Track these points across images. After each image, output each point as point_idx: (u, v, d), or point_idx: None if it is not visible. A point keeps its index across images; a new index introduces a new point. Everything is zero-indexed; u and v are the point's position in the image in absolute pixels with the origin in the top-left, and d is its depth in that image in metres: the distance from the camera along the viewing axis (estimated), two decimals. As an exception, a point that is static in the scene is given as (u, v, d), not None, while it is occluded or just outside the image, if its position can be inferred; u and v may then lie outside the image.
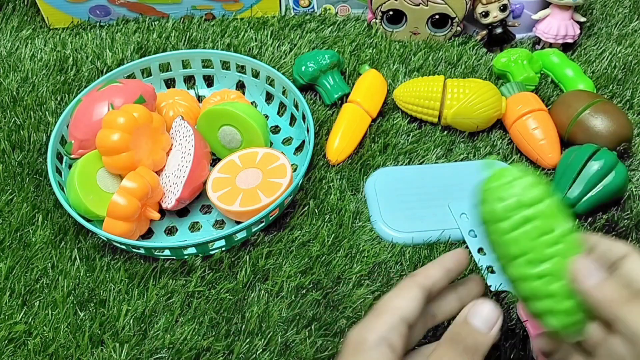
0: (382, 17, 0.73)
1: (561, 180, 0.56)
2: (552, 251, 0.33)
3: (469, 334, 0.34)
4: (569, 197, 0.55)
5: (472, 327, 0.34)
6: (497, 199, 0.34)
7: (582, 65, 0.70)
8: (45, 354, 0.48)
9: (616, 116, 0.59)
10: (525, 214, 0.33)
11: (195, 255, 0.53)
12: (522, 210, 0.33)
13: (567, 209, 0.36)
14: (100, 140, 0.53)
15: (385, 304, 0.37)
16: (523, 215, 0.33)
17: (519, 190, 0.33)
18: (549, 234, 0.33)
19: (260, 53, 0.72)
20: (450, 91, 0.62)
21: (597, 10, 0.79)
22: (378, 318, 0.36)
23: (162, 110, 0.62)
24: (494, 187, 0.34)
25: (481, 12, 0.70)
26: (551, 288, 0.33)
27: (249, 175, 0.57)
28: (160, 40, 0.73)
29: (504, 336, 0.48)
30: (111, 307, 0.50)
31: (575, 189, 0.55)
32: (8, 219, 0.56)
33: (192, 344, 0.48)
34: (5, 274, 0.52)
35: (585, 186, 0.55)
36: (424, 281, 0.37)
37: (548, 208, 0.33)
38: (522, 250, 0.33)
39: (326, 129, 0.64)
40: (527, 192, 0.33)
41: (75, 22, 0.76)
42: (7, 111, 0.66)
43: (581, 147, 0.57)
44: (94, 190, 0.54)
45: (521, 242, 0.33)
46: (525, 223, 0.33)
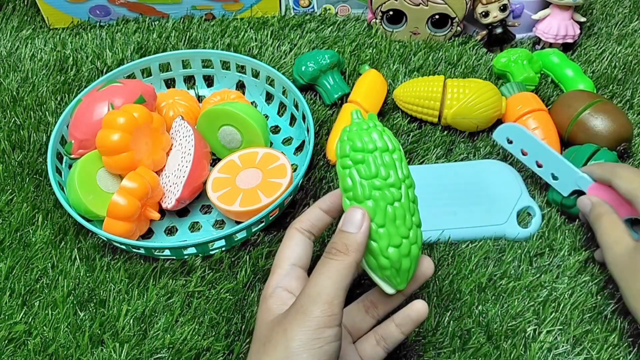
0: (382, 17, 0.73)
1: None
2: (371, 194, 0.39)
3: (339, 238, 0.38)
4: (568, 200, 0.55)
5: (343, 232, 0.38)
6: (343, 141, 0.40)
7: (582, 65, 0.70)
8: (45, 354, 0.48)
9: (616, 116, 0.59)
10: (356, 157, 0.39)
11: (195, 255, 0.53)
12: (357, 153, 0.39)
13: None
14: (100, 140, 0.53)
15: (277, 258, 0.42)
16: (353, 157, 0.39)
17: (360, 137, 0.39)
18: (372, 178, 0.39)
19: (260, 53, 0.72)
20: (450, 91, 0.62)
21: (597, 10, 0.79)
22: (273, 272, 0.41)
23: (162, 110, 0.62)
24: (347, 130, 0.40)
25: (481, 12, 0.70)
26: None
27: (249, 175, 0.57)
28: (160, 40, 0.73)
29: (504, 336, 0.49)
30: (111, 307, 0.50)
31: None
32: (8, 219, 0.56)
33: (192, 344, 0.48)
34: (5, 274, 0.52)
35: None
36: (301, 225, 0.43)
37: (379, 157, 0.39)
38: (344, 187, 0.40)
39: (326, 129, 0.64)
40: (365, 140, 0.39)
41: (75, 22, 0.76)
42: (7, 111, 0.66)
43: (581, 147, 0.57)
44: (94, 190, 0.54)
45: (344, 180, 0.39)
46: (356, 164, 0.39)
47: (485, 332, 0.49)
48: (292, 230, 0.43)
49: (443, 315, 0.50)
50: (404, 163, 0.40)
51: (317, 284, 0.37)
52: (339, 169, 0.40)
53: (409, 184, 0.40)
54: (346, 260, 0.37)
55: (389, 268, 0.39)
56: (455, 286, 0.52)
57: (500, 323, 0.49)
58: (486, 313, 0.50)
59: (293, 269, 0.41)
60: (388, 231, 0.39)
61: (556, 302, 0.51)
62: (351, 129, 0.40)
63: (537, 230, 0.55)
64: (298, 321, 0.36)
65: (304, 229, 0.43)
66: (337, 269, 0.37)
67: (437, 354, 0.48)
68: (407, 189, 0.40)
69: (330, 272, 0.37)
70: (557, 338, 0.49)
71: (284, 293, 0.40)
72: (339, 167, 0.40)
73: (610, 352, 0.48)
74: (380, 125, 0.41)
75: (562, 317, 0.50)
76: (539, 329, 0.49)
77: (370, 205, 0.39)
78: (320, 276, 0.37)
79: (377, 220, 0.39)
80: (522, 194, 0.57)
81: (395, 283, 0.40)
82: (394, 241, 0.39)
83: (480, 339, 0.49)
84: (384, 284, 0.41)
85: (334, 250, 0.38)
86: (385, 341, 0.43)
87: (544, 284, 0.52)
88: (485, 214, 0.56)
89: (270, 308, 0.39)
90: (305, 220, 0.43)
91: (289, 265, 0.41)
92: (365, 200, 0.39)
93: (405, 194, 0.40)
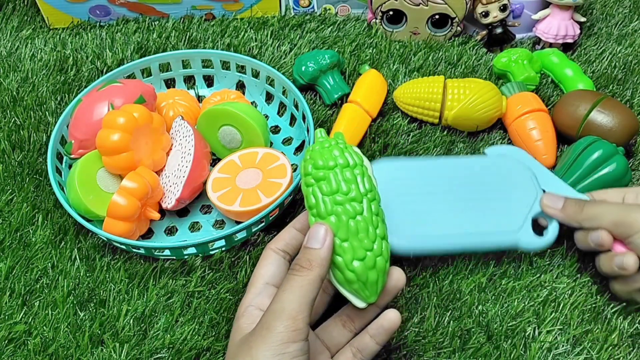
0: (382, 17, 0.73)
1: (557, 172, 0.57)
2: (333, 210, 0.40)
3: (303, 254, 0.39)
4: None
5: (307, 249, 0.39)
6: (306, 160, 0.41)
7: (582, 65, 0.70)
8: (45, 354, 0.48)
9: (623, 111, 0.59)
10: (318, 174, 0.40)
11: (195, 255, 0.53)
12: (318, 171, 0.40)
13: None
14: (100, 140, 0.53)
15: (253, 277, 0.43)
16: (315, 175, 0.40)
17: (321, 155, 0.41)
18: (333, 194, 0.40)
19: (260, 53, 0.72)
20: (450, 92, 0.62)
21: (597, 10, 0.79)
22: (248, 291, 0.43)
23: (162, 110, 0.62)
24: (310, 150, 0.42)
25: (481, 12, 0.70)
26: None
27: (249, 175, 0.57)
28: (160, 40, 0.73)
29: (504, 336, 0.49)
30: (111, 307, 0.50)
31: (567, 177, 0.56)
32: (8, 219, 0.56)
33: (192, 344, 0.48)
34: (5, 274, 0.52)
35: (579, 174, 0.55)
36: (276, 245, 0.44)
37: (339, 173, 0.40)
38: (309, 205, 0.41)
39: (326, 129, 0.64)
40: (325, 157, 0.40)
41: (75, 22, 0.76)
42: (7, 111, 0.66)
43: (579, 140, 0.57)
44: (94, 190, 0.54)
45: (308, 198, 0.41)
46: (318, 181, 0.40)
47: (485, 332, 0.49)
48: (267, 251, 0.44)
49: (443, 315, 0.50)
50: (367, 177, 0.41)
51: (281, 300, 0.37)
52: (303, 188, 0.42)
53: (371, 198, 0.41)
54: (309, 276, 0.38)
55: (355, 281, 0.40)
56: (455, 286, 0.52)
57: (500, 323, 0.49)
58: (486, 313, 0.50)
59: (266, 288, 0.42)
60: (352, 245, 0.39)
61: (556, 302, 0.51)
62: (314, 148, 0.42)
63: (553, 241, 0.51)
64: (262, 338, 0.36)
65: (279, 248, 0.44)
66: (300, 284, 0.38)
67: (437, 354, 0.48)
68: (369, 202, 0.40)
69: (294, 287, 0.37)
70: (557, 338, 0.49)
71: (256, 311, 0.41)
72: (303, 185, 0.41)
73: (610, 352, 0.48)
74: (342, 143, 0.42)
75: (562, 317, 0.50)
76: (539, 329, 0.49)
77: (333, 220, 0.40)
78: (284, 292, 0.38)
79: (340, 235, 0.40)
80: (537, 197, 0.52)
81: (364, 296, 0.41)
82: (358, 254, 0.39)
83: (480, 339, 0.49)
84: (354, 297, 0.41)
85: (298, 266, 0.39)
86: (362, 353, 0.43)
87: (544, 284, 0.52)
88: (498, 218, 0.51)
89: (241, 327, 0.40)
90: (280, 240, 0.44)
91: (262, 284, 0.42)
92: (328, 216, 0.40)
93: (368, 208, 0.40)
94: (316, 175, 0.40)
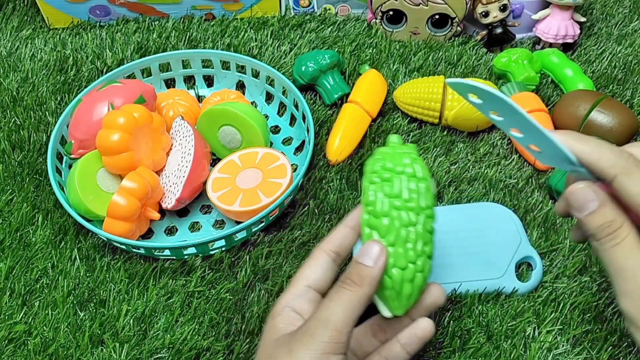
0: (382, 17, 0.73)
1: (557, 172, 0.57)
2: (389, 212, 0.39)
3: (355, 269, 0.38)
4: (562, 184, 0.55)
5: (359, 264, 0.38)
6: (376, 159, 0.41)
7: (582, 65, 0.70)
8: (45, 354, 0.48)
9: (623, 110, 0.59)
10: (384, 175, 0.40)
11: (195, 255, 0.53)
12: (386, 172, 0.40)
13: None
14: (100, 140, 0.53)
15: (296, 276, 0.42)
16: (381, 175, 0.40)
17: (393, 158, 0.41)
18: (394, 198, 0.39)
19: (260, 53, 0.72)
20: (450, 92, 0.62)
21: (597, 10, 0.79)
22: (287, 290, 0.41)
23: (162, 110, 0.62)
24: (382, 150, 0.42)
25: (481, 12, 0.70)
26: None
27: (249, 175, 0.57)
28: (160, 40, 0.73)
29: (504, 336, 0.49)
30: (111, 307, 0.50)
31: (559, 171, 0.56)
32: (8, 219, 0.56)
33: (192, 344, 0.48)
34: (5, 274, 0.52)
35: None
36: (327, 246, 0.42)
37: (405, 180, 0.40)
38: (366, 201, 0.40)
39: (326, 129, 0.64)
40: (396, 162, 0.40)
41: (75, 22, 0.76)
42: (7, 111, 0.66)
43: None
44: (94, 190, 0.54)
45: (367, 194, 0.40)
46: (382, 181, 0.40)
47: (485, 332, 0.49)
48: (317, 251, 0.42)
49: (443, 315, 0.50)
50: (430, 194, 0.40)
51: (329, 310, 0.37)
52: (364, 183, 0.41)
53: (429, 214, 0.40)
54: (359, 293, 0.37)
55: (389, 288, 0.39)
56: (455, 286, 0.52)
57: (500, 323, 0.49)
58: (486, 313, 0.50)
59: (307, 291, 0.41)
60: (396, 251, 0.39)
61: (556, 302, 0.51)
62: (386, 149, 0.42)
63: (537, 285, 0.51)
64: (305, 343, 0.36)
65: (331, 249, 0.42)
66: (349, 299, 0.37)
67: (437, 354, 0.48)
68: (426, 218, 0.40)
69: (343, 300, 0.37)
70: (557, 338, 0.49)
71: (292, 314, 0.40)
72: (366, 181, 0.41)
73: (610, 352, 0.48)
74: (415, 154, 0.41)
75: (562, 317, 0.50)
76: (538, 329, 0.49)
77: (385, 222, 0.39)
78: (332, 303, 0.37)
79: (389, 238, 0.39)
80: (522, 242, 0.53)
81: (393, 306, 0.40)
82: (400, 263, 0.39)
83: (480, 339, 0.49)
84: (382, 305, 0.40)
85: (349, 280, 0.38)
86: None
87: (544, 284, 0.52)
88: (481, 266, 0.51)
89: (277, 326, 0.39)
90: (331, 240, 0.42)
91: (304, 286, 0.41)
92: (382, 217, 0.39)
93: (423, 223, 0.40)
94: (382, 175, 0.40)
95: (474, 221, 0.55)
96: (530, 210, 0.57)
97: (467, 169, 0.61)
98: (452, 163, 0.62)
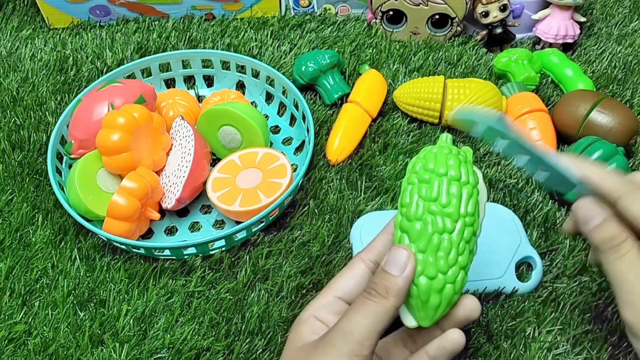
0: (382, 17, 0.73)
1: None
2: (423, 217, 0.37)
3: (380, 278, 0.37)
4: None
5: (384, 272, 0.37)
6: (418, 158, 0.39)
7: (582, 65, 0.70)
8: (45, 354, 0.48)
9: (623, 110, 0.59)
10: (424, 176, 0.38)
11: (195, 255, 0.53)
12: (425, 172, 0.38)
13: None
14: (100, 140, 0.53)
15: (328, 284, 0.41)
16: (420, 176, 0.38)
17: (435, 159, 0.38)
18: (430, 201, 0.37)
19: (260, 53, 0.72)
20: (450, 92, 0.62)
21: (597, 10, 0.79)
22: (316, 299, 0.40)
23: (162, 110, 0.62)
24: (427, 150, 0.39)
25: (481, 12, 0.70)
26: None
27: (249, 175, 0.57)
28: (160, 40, 0.73)
29: (504, 336, 0.49)
30: (111, 307, 0.50)
31: None
32: (8, 219, 0.56)
33: (192, 344, 0.48)
34: (5, 274, 0.52)
35: None
36: (367, 255, 0.41)
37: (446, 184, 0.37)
38: (402, 202, 0.38)
39: (326, 129, 0.64)
40: (438, 163, 0.38)
41: (75, 22, 0.76)
42: (7, 111, 0.66)
43: (579, 140, 0.57)
44: (94, 190, 0.54)
45: (404, 195, 0.38)
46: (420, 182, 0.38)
47: (485, 332, 0.49)
48: (355, 260, 0.41)
49: (443, 315, 0.50)
50: (473, 201, 0.38)
51: (351, 321, 0.36)
52: (403, 184, 0.39)
53: (469, 222, 0.37)
54: (385, 304, 0.36)
55: (415, 297, 0.37)
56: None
57: (500, 323, 0.49)
58: (486, 313, 0.50)
59: (335, 302, 0.40)
60: (426, 259, 0.37)
61: (556, 302, 0.51)
62: (432, 149, 0.39)
63: (537, 285, 0.51)
64: (326, 354, 0.35)
65: (370, 259, 0.40)
66: (375, 311, 0.36)
67: (437, 354, 0.48)
68: (464, 226, 0.37)
69: (368, 312, 0.36)
70: (557, 338, 0.49)
71: (317, 322, 0.39)
72: (405, 182, 0.39)
73: (610, 352, 0.48)
74: (464, 157, 0.39)
75: (562, 317, 0.50)
76: (538, 329, 0.49)
77: (417, 227, 0.37)
78: (356, 314, 0.36)
79: (420, 245, 0.37)
80: (522, 242, 0.53)
81: (418, 317, 0.38)
82: (429, 271, 0.36)
83: (480, 339, 0.49)
84: (406, 312, 0.38)
85: (374, 292, 0.36)
86: None
87: (544, 284, 0.52)
88: (481, 266, 0.50)
89: (302, 334, 0.39)
90: (372, 249, 0.41)
91: (334, 297, 0.40)
92: (416, 220, 0.37)
93: (460, 231, 0.37)
94: (421, 176, 0.38)
95: None
96: (530, 210, 0.57)
97: (467, 169, 0.61)
98: (452, 163, 0.61)
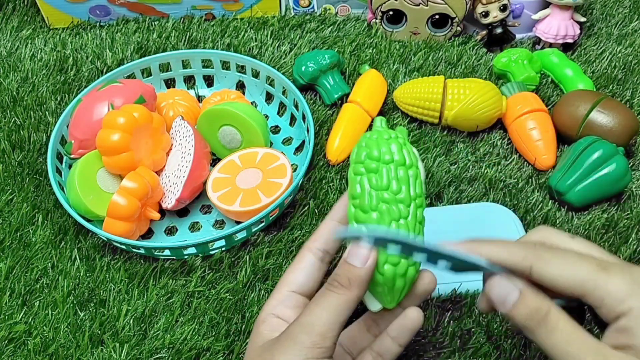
0: (382, 17, 0.73)
1: (557, 172, 0.57)
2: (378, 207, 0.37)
3: (343, 270, 0.36)
4: (562, 184, 0.55)
5: (347, 264, 0.36)
6: (360, 147, 0.39)
7: (582, 65, 0.70)
8: (45, 354, 0.48)
9: (623, 110, 0.59)
10: (370, 165, 0.37)
11: (195, 255, 0.53)
12: (372, 161, 0.38)
13: None
14: (100, 140, 0.54)
15: (280, 281, 0.40)
16: (367, 165, 0.38)
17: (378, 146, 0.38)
18: (382, 190, 0.37)
19: (260, 53, 0.72)
20: (450, 92, 0.62)
21: (597, 10, 0.79)
22: (271, 296, 0.40)
23: (162, 110, 0.62)
24: (367, 137, 0.39)
25: (481, 12, 0.70)
26: None
27: (249, 175, 0.57)
28: (160, 40, 0.73)
29: (504, 336, 0.49)
30: (111, 307, 0.50)
31: (567, 176, 0.56)
32: (8, 219, 0.56)
33: (192, 344, 0.48)
34: (5, 274, 0.52)
35: (579, 174, 0.55)
36: (313, 244, 0.40)
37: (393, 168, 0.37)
38: (353, 194, 0.38)
39: (326, 129, 0.64)
40: (383, 150, 0.38)
41: (75, 22, 0.76)
42: (7, 111, 0.66)
43: (579, 140, 0.57)
44: (94, 190, 0.54)
45: (354, 186, 0.38)
46: (368, 172, 0.37)
47: (485, 332, 0.49)
48: (302, 252, 0.40)
49: (443, 315, 0.50)
50: (419, 181, 0.38)
51: (313, 314, 0.35)
52: (350, 175, 0.39)
53: (419, 204, 0.38)
54: (347, 296, 0.35)
55: (381, 285, 0.37)
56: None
57: (500, 323, 0.49)
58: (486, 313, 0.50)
59: (290, 297, 0.40)
60: None
61: (556, 302, 0.51)
62: (371, 136, 0.39)
63: None
64: (286, 348, 0.35)
65: (317, 248, 0.40)
66: (337, 302, 0.35)
67: (437, 354, 0.48)
68: (416, 208, 0.38)
69: (330, 305, 0.35)
70: (557, 338, 0.49)
71: (276, 320, 0.39)
72: (351, 172, 0.39)
73: (610, 352, 0.48)
74: (402, 138, 0.39)
75: (562, 317, 0.50)
76: (539, 329, 0.49)
77: (374, 217, 0.37)
78: (317, 307, 0.35)
79: None
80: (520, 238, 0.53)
81: (384, 301, 0.38)
82: (392, 258, 0.37)
83: (480, 339, 0.49)
84: (372, 299, 0.39)
85: (336, 283, 0.36)
86: (383, 357, 0.40)
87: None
88: None
89: (262, 333, 0.38)
90: (318, 237, 0.40)
91: (288, 291, 0.40)
92: (371, 211, 0.37)
93: (413, 214, 0.37)
94: (368, 165, 0.37)
95: (474, 221, 0.55)
96: (530, 210, 0.57)
97: (467, 169, 0.61)
98: (452, 163, 0.62)
